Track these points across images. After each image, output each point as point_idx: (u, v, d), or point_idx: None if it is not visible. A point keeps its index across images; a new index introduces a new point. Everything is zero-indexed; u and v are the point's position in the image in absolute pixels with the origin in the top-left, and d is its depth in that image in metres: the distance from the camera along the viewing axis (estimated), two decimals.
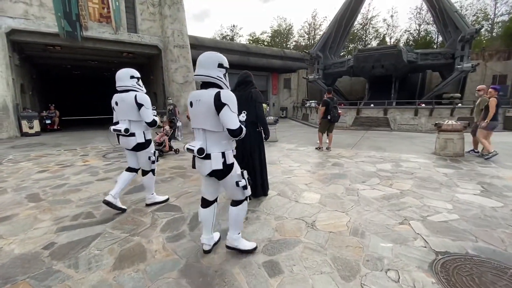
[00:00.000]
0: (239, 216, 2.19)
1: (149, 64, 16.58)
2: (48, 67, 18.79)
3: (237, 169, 2.08)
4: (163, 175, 4.71)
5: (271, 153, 6.65)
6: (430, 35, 31.03)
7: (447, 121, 6.09)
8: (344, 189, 3.86)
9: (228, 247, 2.27)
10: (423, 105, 13.86)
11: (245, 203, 2.19)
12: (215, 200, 2.29)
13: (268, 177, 3.89)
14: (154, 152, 3.20)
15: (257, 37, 40.41)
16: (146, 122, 2.92)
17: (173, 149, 6.61)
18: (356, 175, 4.55)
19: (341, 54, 27.19)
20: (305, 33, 38.91)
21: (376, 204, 3.27)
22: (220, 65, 1.95)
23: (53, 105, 13.32)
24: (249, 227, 2.72)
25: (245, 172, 2.10)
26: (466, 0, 30.05)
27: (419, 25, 32.16)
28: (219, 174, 2.01)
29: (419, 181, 4.19)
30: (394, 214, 2.98)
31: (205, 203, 2.25)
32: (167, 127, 6.57)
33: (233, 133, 1.85)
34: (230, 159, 2.01)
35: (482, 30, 17.55)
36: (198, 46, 18.64)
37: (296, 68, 23.93)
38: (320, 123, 7.11)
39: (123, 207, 3.13)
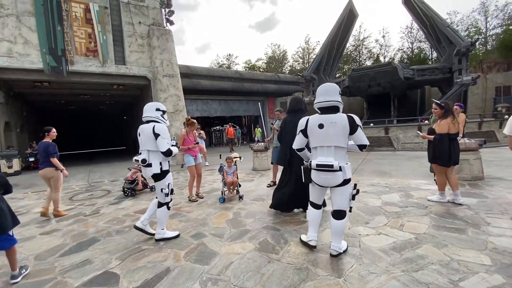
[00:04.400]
0: (342, 227, 2.49)
1: (142, 95, 16.35)
2: (41, 103, 18.72)
3: None
4: (122, 223, 3.88)
5: (260, 185, 5.84)
6: (424, 52, 31.25)
7: (459, 139, 5.30)
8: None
9: (334, 255, 2.49)
10: (426, 121, 13.15)
11: (347, 217, 2.52)
12: (322, 205, 2.71)
13: (250, 221, 3.59)
14: (169, 184, 3.08)
15: (252, 64, 41.21)
16: (161, 152, 2.91)
17: (148, 186, 5.82)
18: (358, 213, 3.69)
19: (336, 76, 27.24)
20: (299, 57, 39.66)
21: (385, 261, 2.40)
22: (340, 93, 2.49)
23: (34, 142, 12.81)
24: None
25: (356, 184, 2.53)
26: (456, 16, 30.47)
27: (412, 43, 32.58)
28: (343, 183, 2.37)
29: (437, 219, 3.31)
30: (412, 280, 2.10)
31: (316, 206, 2.69)
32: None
33: (363, 147, 2.37)
34: (351, 171, 2.43)
35: (476, 44, 17.38)
36: (191, 75, 18.63)
37: (292, 91, 23.75)
38: None
39: (152, 231, 3.20)
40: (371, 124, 15.69)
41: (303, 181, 2.56)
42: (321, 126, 2.41)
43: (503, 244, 2.57)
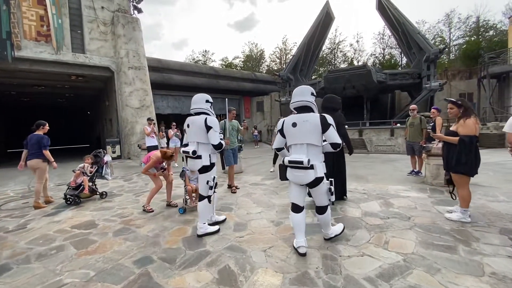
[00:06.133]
0: (327, 219, 2.67)
1: (105, 88, 14.97)
2: None
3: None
4: (50, 243, 3.07)
5: (229, 191, 5.24)
6: (395, 58, 32.59)
7: (436, 143, 5.14)
8: (320, 256, 2.51)
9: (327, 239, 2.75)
10: (398, 124, 13.41)
11: (329, 207, 2.66)
12: (304, 207, 2.61)
13: (212, 240, 2.98)
14: (214, 177, 3.07)
15: (229, 62, 40.38)
16: (212, 145, 2.94)
17: (97, 193, 4.96)
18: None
19: (312, 78, 27.41)
20: (277, 57, 39.55)
21: None
22: (312, 94, 2.60)
23: None
24: None
25: (332, 181, 2.59)
26: (424, 25, 32.15)
27: (383, 49, 33.87)
28: (317, 182, 2.44)
29: (423, 234, 2.95)
30: None
31: (297, 209, 2.60)
32: (86, 164, 4.93)
33: (336, 145, 2.43)
34: (324, 169, 2.51)
35: (444, 51, 18.27)
36: (162, 68, 17.51)
37: (269, 91, 23.42)
38: None
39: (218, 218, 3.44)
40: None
41: (280, 178, 2.63)
42: (294, 124, 2.50)
43: (501, 268, 2.23)
